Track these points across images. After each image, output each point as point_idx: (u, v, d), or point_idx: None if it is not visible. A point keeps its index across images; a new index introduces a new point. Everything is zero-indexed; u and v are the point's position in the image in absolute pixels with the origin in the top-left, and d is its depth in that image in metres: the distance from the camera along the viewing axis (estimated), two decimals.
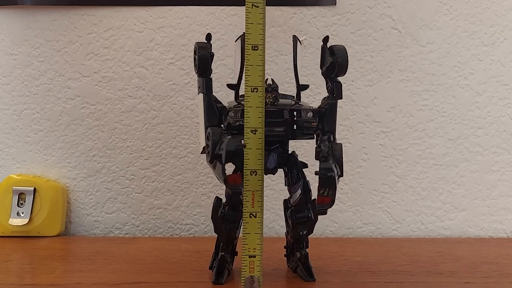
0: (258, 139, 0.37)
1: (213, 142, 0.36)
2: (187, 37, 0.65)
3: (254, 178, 0.37)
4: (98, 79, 0.65)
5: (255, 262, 0.36)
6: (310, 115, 0.39)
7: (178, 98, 0.65)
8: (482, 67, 0.64)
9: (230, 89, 0.41)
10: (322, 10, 0.64)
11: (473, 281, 0.41)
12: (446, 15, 0.64)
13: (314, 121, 0.39)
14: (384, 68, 0.64)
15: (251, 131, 0.37)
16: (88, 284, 0.40)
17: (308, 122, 0.39)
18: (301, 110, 0.39)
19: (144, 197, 0.65)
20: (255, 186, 0.37)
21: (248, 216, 0.37)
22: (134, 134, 0.65)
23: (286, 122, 0.38)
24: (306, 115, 0.39)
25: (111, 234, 0.65)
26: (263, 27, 0.37)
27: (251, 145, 0.37)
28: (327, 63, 0.39)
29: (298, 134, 0.39)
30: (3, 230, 0.60)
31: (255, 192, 0.37)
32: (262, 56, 0.37)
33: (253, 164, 0.37)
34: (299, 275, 0.42)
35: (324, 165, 0.35)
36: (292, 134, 0.39)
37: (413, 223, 0.64)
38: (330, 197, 0.35)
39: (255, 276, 0.36)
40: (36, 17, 0.65)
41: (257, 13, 0.38)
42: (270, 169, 0.39)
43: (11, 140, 0.66)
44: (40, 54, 0.65)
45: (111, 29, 0.65)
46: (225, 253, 0.41)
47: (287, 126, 0.38)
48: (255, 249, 0.36)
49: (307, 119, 0.39)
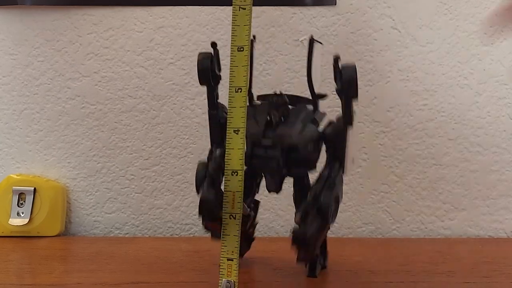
0: (240, 139, 0.36)
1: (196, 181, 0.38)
2: (187, 37, 0.65)
3: (235, 178, 0.36)
4: (98, 79, 0.65)
5: (233, 265, 0.36)
6: (311, 148, 0.37)
7: (178, 98, 0.65)
8: (481, 67, 0.64)
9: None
10: (322, 10, 0.64)
11: (473, 281, 0.41)
12: (446, 15, 0.64)
13: (314, 153, 0.37)
14: (384, 68, 0.64)
15: (233, 131, 0.36)
16: (88, 284, 0.40)
17: (306, 158, 0.37)
18: (297, 145, 0.36)
19: (144, 197, 0.65)
20: (236, 187, 0.36)
21: (228, 217, 0.36)
22: (134, 134, 0.65)
23: (278, 161, 0.36)
24: (305, 148, 0.37)
25: (111, 234, 0.65)
26: (249, 28, 0.37)
27: (232, 145, 0.36)
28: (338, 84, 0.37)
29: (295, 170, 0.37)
30: (3, 230, 0.60)
31: (235, 193, 0.36)
32: (247, 57, 0.37)
33: (234, 164, 0.36)
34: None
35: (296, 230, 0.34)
36: (287, 170, 0.37)
37: (413, 223, 0.64)
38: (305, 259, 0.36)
39: (232, 280, 0.35)
40: (36, 17, 0.65)
41: (244, 15, 0.37)
42: (270, 191, 0.38)
43: (11, 140, 0.66)
44: (40, 54, 0.65)
45: (111, 29, 0.65)
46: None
47: (278, 164, 0.36)
48: (233, 252, 0.36)
49: (306, 154, 0.37)
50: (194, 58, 0.64)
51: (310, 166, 0.38)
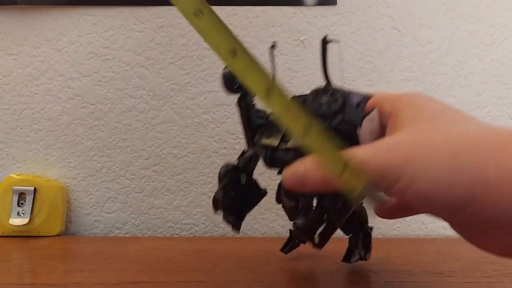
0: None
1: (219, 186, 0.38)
2: (187, 36, 0.65)
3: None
4: (98, 79, 0.65)
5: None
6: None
7: (178, 98, 0.65)
8: (482, 66, 0.64)
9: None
10: (322, 10, 0.64)
11: (474, 281, 0.41)
12: (446, 15, 0.64)
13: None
14: (384, 68, 0.64)
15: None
16: (88, 283, 0.40)
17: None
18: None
19: (144, 196, 0.65)
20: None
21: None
22: (134, 134, 0.65)
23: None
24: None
25: (111, 233, 0.65)
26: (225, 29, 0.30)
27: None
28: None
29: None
30: (3, 230, 0.60)
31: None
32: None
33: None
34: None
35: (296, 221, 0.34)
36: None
37: (413, 223, 0.64)
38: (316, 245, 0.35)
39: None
40: (36, 17, 0.65)
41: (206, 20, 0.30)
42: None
43: (11, 139, 0.66)
44: (40, 54, 0.65)
45: (111, 29, 0.65)
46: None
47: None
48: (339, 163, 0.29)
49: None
50: (195, 58, 0.65)
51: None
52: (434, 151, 0.28)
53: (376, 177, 0.29)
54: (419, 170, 0.28)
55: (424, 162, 0.28)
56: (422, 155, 0.28)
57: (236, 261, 0.47)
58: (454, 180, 0.27)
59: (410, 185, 0.28)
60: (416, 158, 0.28)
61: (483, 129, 0.28)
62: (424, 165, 0.28)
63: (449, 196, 0.27)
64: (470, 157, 0.27)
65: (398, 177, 0.28)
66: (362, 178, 0.29)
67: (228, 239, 0.63)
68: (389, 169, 0.28)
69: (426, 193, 0.27)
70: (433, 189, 0.27)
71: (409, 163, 0.28)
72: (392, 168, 0.28)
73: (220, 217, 0.65)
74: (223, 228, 0.65)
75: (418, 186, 0.27)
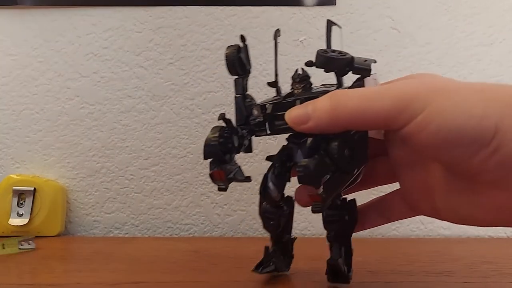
0: None
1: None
2: (186, 37, 0.65)
3: None
4: (97, 79, 0.65)
5: None
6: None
7: (177, 98, 0.65)
8: (481, 67, 0.65)
9: (270, 86, 0.38)
10: (322, 10, 0.65)
11: (472, 281, 0.41)
12: (445, 15, 0.65)
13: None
14: (383, 68, 0.64)
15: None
16: (87, 284, 0.40)
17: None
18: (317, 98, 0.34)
19: (143, 197, 0.65)
20: None
21: None
22: (133, 134, 0.65)
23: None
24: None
25: (110, 234, 0.65)
26: None
27: None
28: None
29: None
30: (3, 230, 0.60)
31: None
32: None
33: None
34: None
35: (300, 162, 0.31)
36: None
37: (412, 223, 0.64)
38: (320, 195, 0.31)
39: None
40: (35, 17, 0.65)
41: None
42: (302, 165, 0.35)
43: (10, 140, 0.66)
44: (40, 55, 0.65)
45: (110, 30, 0.65)
46: (273, 248, 0.39)
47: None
48: None
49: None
50: (194, 59, 0.65)
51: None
52: (462, 85, 0.27)
53: (395, 108, 0.27)
54: (449, 99, 0.26)
55: (456, 92, 0.26)
56: (451, 86, 0.27)
57: (235, 261, 0.47)
58: (485, 111, 0.25)
59: (437, 116, 0.26)
60: (445, 87, 0.26)
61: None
62: (455, 95, 0.26)
63: (479, 128, 0.25)
64: (498, 92, 0.26)
65: (424, 107, 0.26)
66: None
67: (228, 239, 0.63)
68: (413, 98, 0.26)
69: (455, 125, 0.25)
70: (465, 120, 0.25)
71: (437, 92, 0.26)
72: (418, 97, 0.26)
73: (219, 217, 0.65)
74: (222, 228, 0.65)
75: (445, 116, 0.25)
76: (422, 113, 0.26)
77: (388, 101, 0.27)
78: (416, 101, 0.26)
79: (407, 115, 0.27)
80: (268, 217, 0.37)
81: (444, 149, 0.26)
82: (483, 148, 0.25)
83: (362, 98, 0.28)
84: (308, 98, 0.32)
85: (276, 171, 0.36)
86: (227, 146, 0.34)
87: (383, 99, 0.27)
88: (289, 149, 0.36)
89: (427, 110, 0.26)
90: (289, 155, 0.36)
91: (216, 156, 0.34)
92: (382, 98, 0.27)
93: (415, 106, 0.26)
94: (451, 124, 0.25)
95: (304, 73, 0.36)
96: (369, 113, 0.28)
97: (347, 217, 0.36)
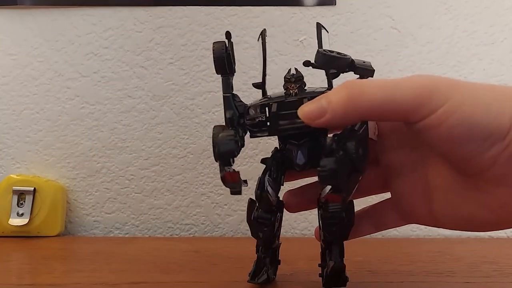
0: None
1: (213, 140, 0.34)
2: (186, 37, 0.65)
3: None
4: (98, 79, 0.65)
5: None
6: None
7: (177, 98, 0.65)
8: (482, 66, 0.64)
9: (256, 88, 0.38)
10: (322, 10, 0.64)
11: (473, 281, 0.41)
12: (446, 15, 0.64)
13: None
14: (383, 68, 0.64)
15: None
16: (87, 284, 0.40)
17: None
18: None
19: (143, 197, 0.65)
20: None
21: None
22: (133, 134, 0.65)
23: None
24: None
25: (110, 234, 0.65)
26: None
27: None
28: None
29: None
30: (3, 230, 0.60)
31: None
32: None
33: None
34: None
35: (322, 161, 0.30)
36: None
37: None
38: (340, 195, 0.30)
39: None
40: (35, 17, 0.65)
41: None
42: (300, 165, 0.35)
43: (11, 140, 0.66)
44: (40, 54, 0.65)
45: (111, 29, 0.65)
46: (263, 255, 0.38)
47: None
48: None
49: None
50: (194, 58, 0.65)
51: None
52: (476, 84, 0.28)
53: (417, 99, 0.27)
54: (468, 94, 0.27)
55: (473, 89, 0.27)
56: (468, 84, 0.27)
57: (235, 261, 0.47)
58: (500, 108, 0.26)
59: (455, 111, 0.26)
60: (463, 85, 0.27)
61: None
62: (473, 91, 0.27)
63: (496, 123, 0.26)
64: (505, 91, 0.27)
65: (445, 100, 0.26)
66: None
67: (228, 239, 0.63)
68: (434, 91, 0.27)
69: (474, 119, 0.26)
70: (483, 115, 0.26)
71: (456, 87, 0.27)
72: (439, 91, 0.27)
73: (219, 217, 0.65)
74: (222, 228, 0.65)
75: (465, 110, 0.26)
76: (443, 106, 0.26)
77: (410, 92, 0.27)
78: (438, 94, 0.27)
79: (429, 108, 0.27)
80: (262, 223, 0.36)
81: (460, 143, 0.27)
82: (498, 142, 0.26)
83: (382, 88, 0.28)
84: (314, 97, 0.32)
85: (273, 174, 0.35)
86: (238, 146, 0.33)
87: (405, 89, 0.27)
88: (287, 151, 0.36)
89: (448, 104, 0.26)
90: (284, 158, 0.36)
91: (232, 155, 0.33)
92: (403, 89, 0.27)
93: (437, 99, 0.26)
94: (471, 118, 0.26)
95: (298, 73, 0.36)
96: (390, 103, 0.27)
97: (346, 219, 0.35)
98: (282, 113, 0.34)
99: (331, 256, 0.36)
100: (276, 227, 0.37)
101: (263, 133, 0.35)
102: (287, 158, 0.36)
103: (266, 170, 0.36)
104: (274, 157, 0.36)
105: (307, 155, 0.35)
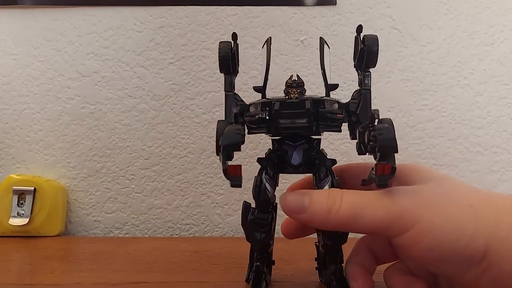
0: None
1: (217, 134, 0.35)
2: (186, 37, 0.65)
3: None
4: (98, 79, 0.65)
5: None
6: (335, 106, 0.36)
7: (178, 98, 0.65)
8: (482, 66, 0.64)
9: (256, 91, 0.38)
10: (322, 10, 0.64)
11: None
12: (446, 15, 0.64)
13: (340, 113, 0.36)
14: (384, 68, 0.64)
15: None
16: (88, 284, 0.40)
17: (333, 113, 0.35)
18: (325, 101, 0.36)
19: (144, 197, 0.65)
20: None
21: None
22: (134, 134, 0.65)
23: (308, 112, 0.35)
24: (331, 106, 0.36)
25: (111, 234, 0.65)
26: None
27: None
28: (358, 52, 0.38)
29: (322, 126, 0.35)
30: (3, 230, 0.60)
31: None
32: None
33: None
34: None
35: (379, 125, 0.31)
36: (316, 126, 0.35)
37: None
38: (391, 164, 0.30)
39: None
40: (36, 17, 0.65)
41: None
42: (295, 166, 0.36)
43: (11, 140, 0.66)
44: (40, 54, 0.65)
45: (111, 29, 0.65)
46: (260, 262, 0.38)
47: (309, 117, 0.35)
48: None
49: (332, 110, 0.35)
50: (194, 58, 0.65)
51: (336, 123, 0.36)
52: (452, 199, 0.27)
53: (385, 219, 0.27)
54: (438, 216, 0.26)
55: (445, 208, 0.26)
56: (441, 202, 0.27)
57: (236, 261, 0.47)
58: (476, 228, 0.26)
59: (427, 234, 0.26)
60: (435, 203, 0.27)
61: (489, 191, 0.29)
62: (445, 211, 0.26)
63: (470, 247, 0.26)
64: (486, 209, 0.26)
65: (413, 224, 0.26)
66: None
67: (228, 239, 0.63)
68: (402, 214, 0.27)
69: (447, 243, 0.26)
70: (456, 238, 0.26)
71: (426, 209, 0.27)
72: (406, 212, 0.27)
73: (219, 217, 0.65)
74: (222, 228, 0.65)
75: (437, 234, 0.26)
76: (413, 227, 0.27)
77: (379, 211, 0.28)
78: (405, 215, 0.27)
79: (398, 227, 0.27)
80: (260, 223, 0.36)
81: (438, 264, 0.27)
82: (475, 266, 0.26)
83: (355, 205, 0.29)
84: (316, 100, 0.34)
85: (270, 173, 0.36)
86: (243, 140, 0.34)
87: (374, 208, 0.28)
88: (282, 151, 0.36)
89: (418, 226, 0.27)
90: (280, 157, 0.36)
91: (237, 148, 0.33)
92: (373, 208, 0.28)
93: (404, 220, 0.27)
94: (443, 242, 0.26)
95: (299, 79, 0.37)
96: (360, 221, 0.29)
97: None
98: (283, 112, 0.35)
99: (333, 261, 0.36)
100: (273, 228, 0.37)
101: (260, 130, 0.36)
102: (280, 160, 0.36)
103: (263, 169, 0.36)
104: (269, 156, 0.36)
105: (302, 157, 0.36)
